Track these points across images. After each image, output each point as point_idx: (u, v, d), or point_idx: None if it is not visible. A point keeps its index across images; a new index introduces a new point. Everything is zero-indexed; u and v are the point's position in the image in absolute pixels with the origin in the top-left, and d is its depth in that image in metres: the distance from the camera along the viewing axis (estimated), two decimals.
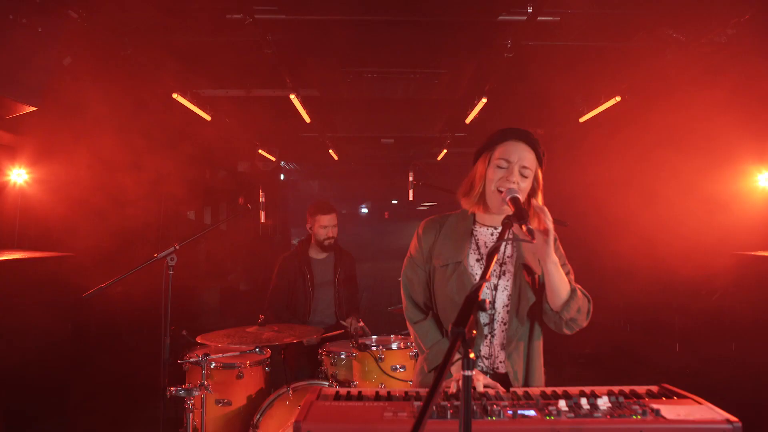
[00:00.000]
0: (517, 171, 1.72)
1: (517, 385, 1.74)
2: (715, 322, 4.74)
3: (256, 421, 2.80)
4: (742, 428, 1.31)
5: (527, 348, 1.78)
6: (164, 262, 2.75)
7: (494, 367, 1.79)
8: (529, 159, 1.75)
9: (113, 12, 4.18)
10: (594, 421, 1.33)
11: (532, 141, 1.77)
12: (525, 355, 1.76)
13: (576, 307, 1.68)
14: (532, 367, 1.78)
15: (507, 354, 1.76)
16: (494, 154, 1.78)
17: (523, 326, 1.77)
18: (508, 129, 1.82)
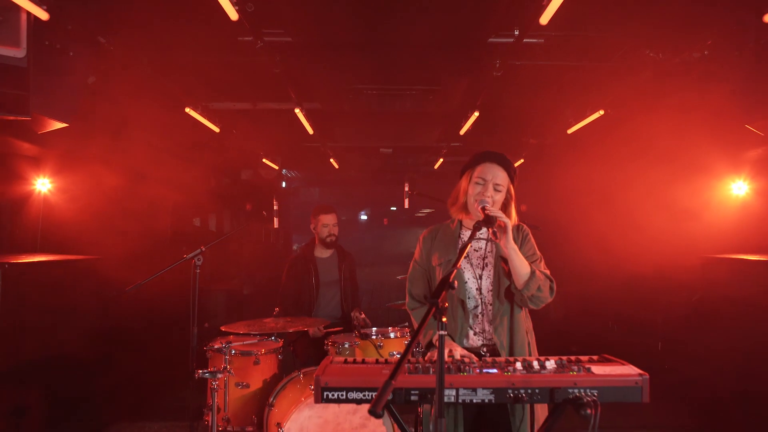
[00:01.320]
0: (491, 187, 2.20)
1: (504, 353, 2.20)
2: (691, 320, 5.18)
3: (271, 401, 3.26)
4: (649, 380, 1.78)
5: (510, 322, 2.25)
6: (192, 262, 3.21)
7: (488, 339, 2.26)
8: (501, 177, 2.23)
9: (137, 36, 4.67)
10: (540, 376, 1.79)
11: (504, 163, 2.25)
12: (508, 329, 2.23)
13: (536, 285, 2.15)
14: (516, 337, 2.24)
15: (494, 328, 2.23)
16: (474, 173, 2.26)
17: (503, 305, 2.24)
18: (486, 152, 2.30)
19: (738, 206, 5.60)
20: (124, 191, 5.98)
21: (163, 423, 4.33)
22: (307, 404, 2.95)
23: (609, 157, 6.76)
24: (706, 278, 4.71)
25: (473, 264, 2.27)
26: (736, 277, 4.28)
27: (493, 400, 1.75)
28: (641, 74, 5.41)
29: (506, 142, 8.65)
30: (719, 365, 4.38)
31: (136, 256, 5.36)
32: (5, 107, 3.67)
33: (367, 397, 1.75)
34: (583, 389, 1.74)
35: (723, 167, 5.70)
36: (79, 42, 4.27)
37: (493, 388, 1.75)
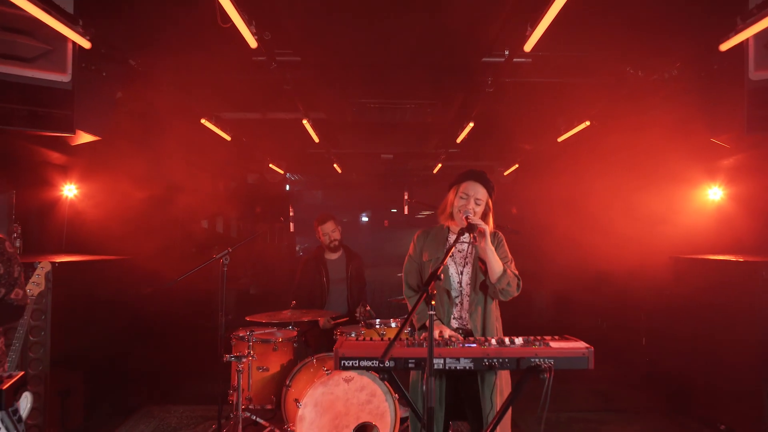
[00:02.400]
0: (472, 201, 2.73)
1: (477, 335, 2.73)
2: (664, 314, 5.70)
3: (288, 382, 3.80)
4: (594, 352, 2.31)
5: (483, 310, 2.77)
6: (220, 261, 3.74)
7: (464, 324, 2.79)
8: (481, 193, 2.76)
9: (161, 57, 5.20)
10: (509, 349, 2.32)
11: (484, 181, 2.79)
12: (482, 316, 2.76)
13: (506, 281, 2.68)
14: (487, 323, 2.76)
15: (469, 314, 2.76)
16: (460, 189, 2.79)
17: (478, 296, 2.76)
18: (469, 171, 2.84)
19: (714, 210, 6.15)
20: (143, 197, 6.51)
21: (186, 407, 4.87)
22: (320, 383, 3.48)
23: (595, 165, 7.31)
24: (676, 276, 5.24)
25: (456, 262, 2.80)
26: (702, 274, 4.81)
27: (473, 367, 2.29)
28: (622, 89, 5.94)
29: (500, 149, 9.19)
30: (688, 353, 4.92)
31: (156, 256, 5.91)
32: (52, 126, 4.20)
33: (374, 364, 2.29)
34: (542, 359, 2.27)
35: (700, 175, 6.25)
36: (111, 63, 4.80)
37: (472, 358, 2.29)
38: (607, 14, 4.44)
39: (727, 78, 4.25)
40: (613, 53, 5.25)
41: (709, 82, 4.58)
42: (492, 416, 2.54)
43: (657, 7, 4.25)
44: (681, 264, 5.17)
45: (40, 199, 5.90)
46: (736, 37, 3.88)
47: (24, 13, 3.60)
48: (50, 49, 4.13)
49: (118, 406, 4.79)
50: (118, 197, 6.19)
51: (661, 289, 5.57)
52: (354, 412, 3.51)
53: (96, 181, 6.28)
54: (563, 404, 5.05)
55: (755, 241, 5.40)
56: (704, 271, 4.76)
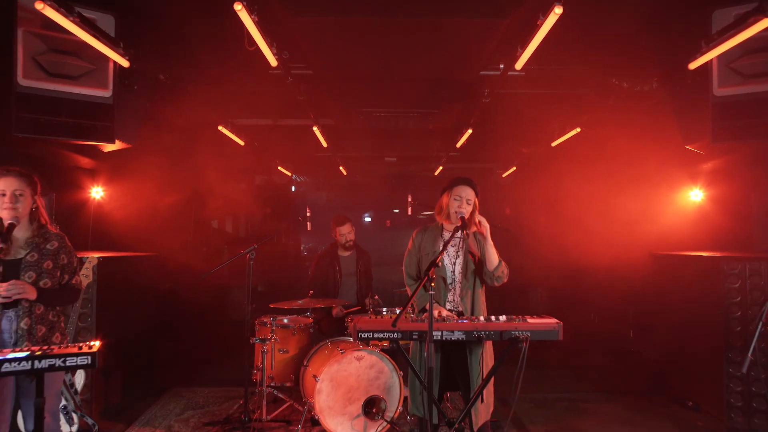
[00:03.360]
0: (464, 202, 3.30)
1: (467, 315, 3.30)
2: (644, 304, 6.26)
3: (306, 362, 4.37)
4: (563, 326, 2.88)
5: (472, 294, 3.33)
6: (247, 256, 4.32)
7: (456, 306, 3.35)
8: (470, 194, 3.33)
9: (186, 71, 5.78)
10: (494, 324, 2.89)
11: (472, 184, 3.36)
12: (471, 299, 3.32)
13: (501, 269, 3.26)
14: (476, 305, 3.33)
15: (461, 298, 3.33)
16: (452, 192, 3.36)
17: (468, 282, 3.33)
18: (459, 177, 3.40)
19: (695, 210, 6.71)
20: (163, 199, 7.09)
21: (210, 389, 5.45)
22: (335, 361, 4.05)
23: (585, 169, 7.87)
24: (655, 270, 5.81)
25: (450, 254, 3.37)
26: (676, 268, 5.37)
27: (464, 338, 2.86)
28: (608, 99, 6.51)
29: (497, 152, 9.76)
30: (664, 341, 5.49)
31: (179, 252, 6.50)
32: (95, 136, 4.79)
33: (384, 335, 2.86)
34: (520, 331, 2.85)
35: (682, 178, 6.81)
36: (142, 78, 5.37)
37: (464, 331, 2.86)
38: (590, 35, 5.01)
39: (696, 93, 4.80)
40: (599, 68, 5.82)
41: (681, 96, 5.14)
42: (479, 381, 3.12)
43: (633, 29, 4.81)
44: (658, 260, 5.74)
45: (70, 201, 6.47)
46: (702, 57, 4.44)
47: (72, 37, 4.17)
48: (94, 68, 4.71)
49: (149, 387, 5.38)
50: (140, 199, 6.77)
51: (642, 283, 6.13)
52: (364, 387, 4.08)
53: (120, 184, 6.86)
54: (551, 387, 5.63)
55: (731, 237, 5.95)
56: (678, 265, 5.34)
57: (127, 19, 4.69)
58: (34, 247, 2.92)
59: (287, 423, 4.42)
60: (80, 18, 4.00)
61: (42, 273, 2.91)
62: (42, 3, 3.71)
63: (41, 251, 2.94)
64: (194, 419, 4.59)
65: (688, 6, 4.54)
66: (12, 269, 2.83)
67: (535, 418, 4.65)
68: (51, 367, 2.51)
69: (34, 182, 2.99)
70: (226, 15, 4.14)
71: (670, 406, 4.99)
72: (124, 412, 4.72)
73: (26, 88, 4.39)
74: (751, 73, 4.50)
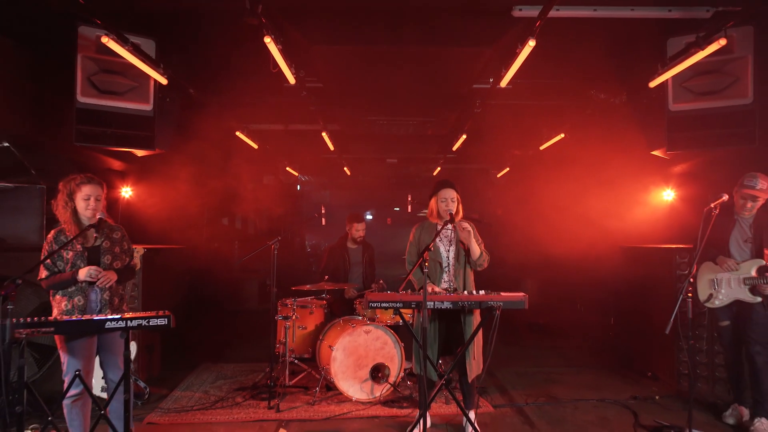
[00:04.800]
0: (449, 201, 4.17)
1: (460, 291, 4.17)
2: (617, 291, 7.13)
3: (321, 337, 5.25)
4: (528, 299, 3.76)
5: (463, 274, 4.19)
6: (272, 247, 5.19)
7: (451, 284, 4.21)
8: (453, 193, 4.19)
9: (211, 86, 6.65)
10: (475, 296, 3.77)
11: (452, 185, 4.22)
12: (463, 278, 4.18)
13: (482, 259, 4.14)
14: (467, 283, 4.18)
15: (455, 278, 4.19)
16: (439, 196, 4.22)
17: (460, 265, 4.19)
18: (440, 181, 4.26)
19: (667, 208, 7.58)
20: (185, 197, 7.96)
21: (235, 364, 6.33)
22: (347, 334, 4.93)
23: (570, 171, 8.75)
24: (625, 261, 6.69)
25: (444, 243, 4.23)
26: (642, 259, 6.25)
27: (452, 307, 3.73)
28: (587, 109, 7.38)
29: (490, 154, 10.65)
30: (632, 323, 6.37)
31: (202, 245, 7.37)
32: (138, 144, 5.64)
33: (390, 305, 3.74)
34: (494, 302, 3.72)
35: (656, 179, 7.68)
36: (176, 93, 6.23)
37: (452, 302, 3.73)
38: (564, 58, 5.89)
39: (655, 108, 5.67)
40: (579, 81, 6.71)
41: (644, 110, 6.02)
42: (472, 344, 4.01)
43: (600, 54, 5.68)
44: (628, 252, 6.62)
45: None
46: (659, 78, 5.31)
47: (119, 59, 5.03)
48: (137, 85, 5.56)
49: (182, 362, 6.26)
50: (164, 197, 7.63)
51: (615, 272, 7.01)
52: (371, 355, 4.96)
53: (147, 184, 7.72)
54: (532, 363, 6.51)
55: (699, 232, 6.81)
56: (641, 256, 6.22)
57: (165, 43, 5.54)
58: (105, 237, 3.79)
59: (305, 388, 5.30)
60: (132, 46, 4.88)
61: (115, 256, 3.78)
62: (106, 37, 4.60)
63: (111, 239, 3.81)
64: (226, 386, 5.48)
65: (647, 35, 5.39)
66: (94, 254, 3.69)
67: (516, 386, 5.53)
68: (139, 326, 3.38)
69: (104, 187, 3.85)
70: (248, 40, 5.00)
71: (633, 377, 5.87)
72: (165, 381, 5.59)
73: (83, 104, 5.25)
74: (700, 92, 5.35)
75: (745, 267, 4.33)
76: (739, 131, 5.15)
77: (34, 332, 3.18)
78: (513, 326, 8.79)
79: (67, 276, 3.55)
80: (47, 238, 3.63)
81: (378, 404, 4.88)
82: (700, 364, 5.24)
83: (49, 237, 3.63)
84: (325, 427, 4.41)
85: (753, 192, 4.23)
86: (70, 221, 3.61)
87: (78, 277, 3.54)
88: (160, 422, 4.53)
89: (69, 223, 3.61)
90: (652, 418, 4.56)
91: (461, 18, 4.86)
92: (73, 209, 3.63)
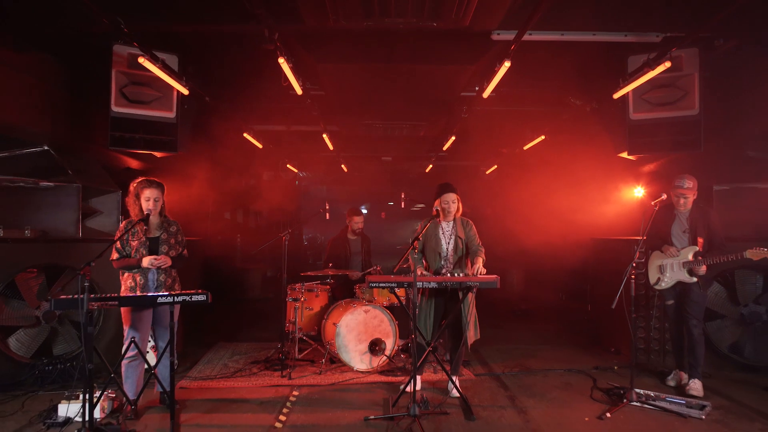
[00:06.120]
0: (451, 204, 5.05)
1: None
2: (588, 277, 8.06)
3: (325, 316, 6.14)
4: (500, 280, 4.66)
5: (460, 264, 5.07)
6: (283, 237, 6.06)
7: (449, 270, 5.08)
8: (454, 197, 5.07)
9: (224, 92, 7.49)
10: (457, 278, 4.66)
11: (453, 189, 5.09)
12: (460, 267, 5.06)
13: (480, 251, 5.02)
14: (462, 270, 5.06)
15: (452, 266, 5.06)
16: (441, 199, 5.09)
17: (456, 255, 5.06)
18: (442, 186, 5.14)
19: (637, 204, 8.48)
20: (196, 193, 8.80)
21: (247, 343, 7.20)
22: (349, 313, 5.81)
23: (550, 170, 9.67)
24: (595, 251, 7.61)
25: (446, 237, 5.09)
26: (609, 249, 7.16)
27: (437, 287, 4.64)
28: (564, 114, 8.28)
29: (477, 152, 11.55)
30: (601, 306, 7.29)
31: (215, 237, 8.22)
32: (164, 148, 6.47)
33: (387, 285, 4.62)
34: (473, 283, 4.62)
35: (628, 178, 8.59)
36: (194, 101, 7.05)
37: (437, 282, 4.63)
38: (543, 69, 6.75)
39: (619, 116, 6.55)
40: (555, 91, 7.59)
41: (610, 118, 6.90)
42: (468, 318, 4.89)
43: (570, 69, 6.56)
44: (597, 243, 7.54)
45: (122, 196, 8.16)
46: (621, 90, 6.18)
47: (146, 72, 5.84)
48: (161, 96, 6.39)
49: (200, 342, 7.14)
50: (179, 193, 8.46)
51: (589, 262, 7.93)
52: (370, 331, 5.85)
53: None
54: (512, 342, 7.42)
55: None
56: (609, 247, 7.13)
57: (186, 57, 6.35)
58: (164, 230, 4.67)
59: (312, 362, 6.18)
60: (162, 64, 5.71)
61: (170, 246, 4.66)
62: (143, 57, 5.43)
63: (168, 232, 4.69)
64: (242, 360, 6.36)
65: (610, 53, 6.25)
66: (154, 243, 4.58)
67: (496, 359, 6.44)
68: (184, 301, 4.25)
69: (163, 188, 4.71)
70: (262, 56, 5.84)
71: (599, 352, 6.79)
72: (188, 357, 6.46)
73: (116, 113, 6.08)
74: (657, 103, 6.24)
75: (684, 253, 5.24)
76: (688, 138, 6.05)
77: (102, 305, 4.06)
78: (499, 312, 9.73)
79: (133, 261, 4.46)
80: (119, 227, 4.55)
81: (375, 373, 5.77)
82: (653, 339, 6.17)
83: (120, 226, 4.57)
84: (331, 390, 5.30)
85: (682, 191, 5.15)
86: (137, 215, 4.50)
87: (141, 263, 4.42)
88: (190, 387, 5.41)
89: (136, 216, 4.50)
90: (607, 382, 5.49)
91: (447, 40, 5.71)
92: (139, 206, 4.51)
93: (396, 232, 15.59)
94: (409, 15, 4.66)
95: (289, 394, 5.15)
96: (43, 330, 5.68)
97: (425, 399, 4.81)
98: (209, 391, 5.30)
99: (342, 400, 5.03)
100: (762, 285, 5.89)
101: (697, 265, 5.10)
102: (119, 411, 4.63)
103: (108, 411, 4.60)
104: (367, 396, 5.14)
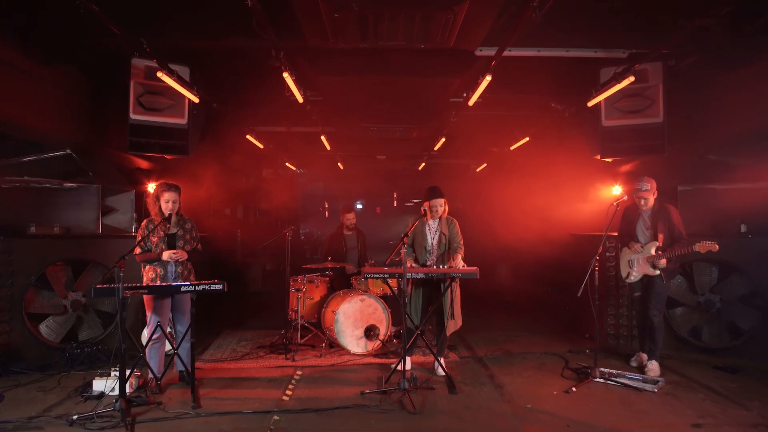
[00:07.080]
0: (438, 207, 5.73)
1: None
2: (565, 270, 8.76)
3: (325, 305, 6.82)
4: (480, 272, 5.35)
5: (443, 257, 5.74)
6: (287, 233, 6.72)
7: (434, 263, 5.77)
8: (441, 201, 5.76)
9: (231, 99, 8.14)
10: (441, 269, 5.35)
11: (440, 193, 5.78)
12: (442, 259, 5.74)
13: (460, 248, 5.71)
14: (445, 263, 5.74)
15: (436, 259, 5.74)
16: (431, 202, 5.77)
17: (440, 250, 5.74)
18: (431, 190, 5.82)
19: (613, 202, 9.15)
20: (202, 191, 9.45)
21: (252, 331, 7.88)
22: (346, 301, 6.49)
23: (534, 169, 10.37)
24: (574, 246, 8.32)
25: (431, 233, 5.77)
26: (585, 244, 7.85)
27: (424, 278, 5.32)
28: (546, 119, 8.96)
29: (466, 152, 12.25)
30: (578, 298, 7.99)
31: (218, 233, 8.88)
32: (176, 151, 7.11)
33: (380, 275, 5.31)
34: (455, 273, 5.31)
35: (607, 178, 9.27)
36: (203, 107, 7.68)
37: (424, 274, 5.31)
38: (524, 79, 7.42)
39: (593, 122, 7.24)
40: (537, 97, 8.27)
41: (585, 123, 7.60)
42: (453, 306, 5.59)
43: (547, 80, 7.23)
44: (576, 239, 8.24)
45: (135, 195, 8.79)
46: (594, 99, 6.86)
47: (160, 83, 6.46)
48: (174, 103, 7.03)
49: (209, 330, 7.82)
50: (184, 191, 9.09)
51: (570, 256, 8.64)
52: (365, 318, 6.54)
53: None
54: (497, 330, 8.13)
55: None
56: (585, 242, 7.83)
57: (196, 68, 6.98)
58: (180, 227, 5.34)
59: (312, 346, 6.87)
60: (177, 76, 6.36)
61: (186, 242, 5.33)
62: (161, 72, 6.07)
63: (184, 228, 5.36)
64: (249, 345, 7.04)
65: (585, 65, 6.92)
66: (172, 239, 5.24)
67: (481, 344, 7.14)
68: (204, 290, 4.93)
69: (180, 191, 5.37)
70: (266, 69, 6.48)
71: (574, 338, 7.51)
72: (198, 343, 7.09)
73: (134, 120, 6.72)
74: (627, 111, 6.92)
75: (647, 248, 5.94)
76: (653, 143, 6.74)
77: (134, 293, 4.73)
78: (486, 304, 10.44)
79: (154, 255, 5.11)
80: (141, 225, 5.21)
81: (370, 356, 6.47)
82: (621, 325, 6.89)
83: (142, 224, 5.21)
84: (330, 371, 5.99)
85: (641, 193, 5.85)
86: (157, 214, 5.15)
87: (162, 257, 5.09)
88: (204, 368, 6.09)
89: (156, 215, 5.16)
90: (577, 363, 6.20)
91: (436, 57, 6.38)
92: (159, 207, 5.17)
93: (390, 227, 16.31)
94: (399, 38, 5.32)
95: (293, 374, 5.83)
96: (70, 318, 6.35)
97: (414, 376, 5.51)
98: (221, 371, 5.98)
99: (341, 378, 5.72)
100: (717, 276, 6.61)
101: (657, 259, 5.79)
102: (144, 387, 5.30)
103: (135, 387, 5.28)
104: (362, 375, 5.83)
